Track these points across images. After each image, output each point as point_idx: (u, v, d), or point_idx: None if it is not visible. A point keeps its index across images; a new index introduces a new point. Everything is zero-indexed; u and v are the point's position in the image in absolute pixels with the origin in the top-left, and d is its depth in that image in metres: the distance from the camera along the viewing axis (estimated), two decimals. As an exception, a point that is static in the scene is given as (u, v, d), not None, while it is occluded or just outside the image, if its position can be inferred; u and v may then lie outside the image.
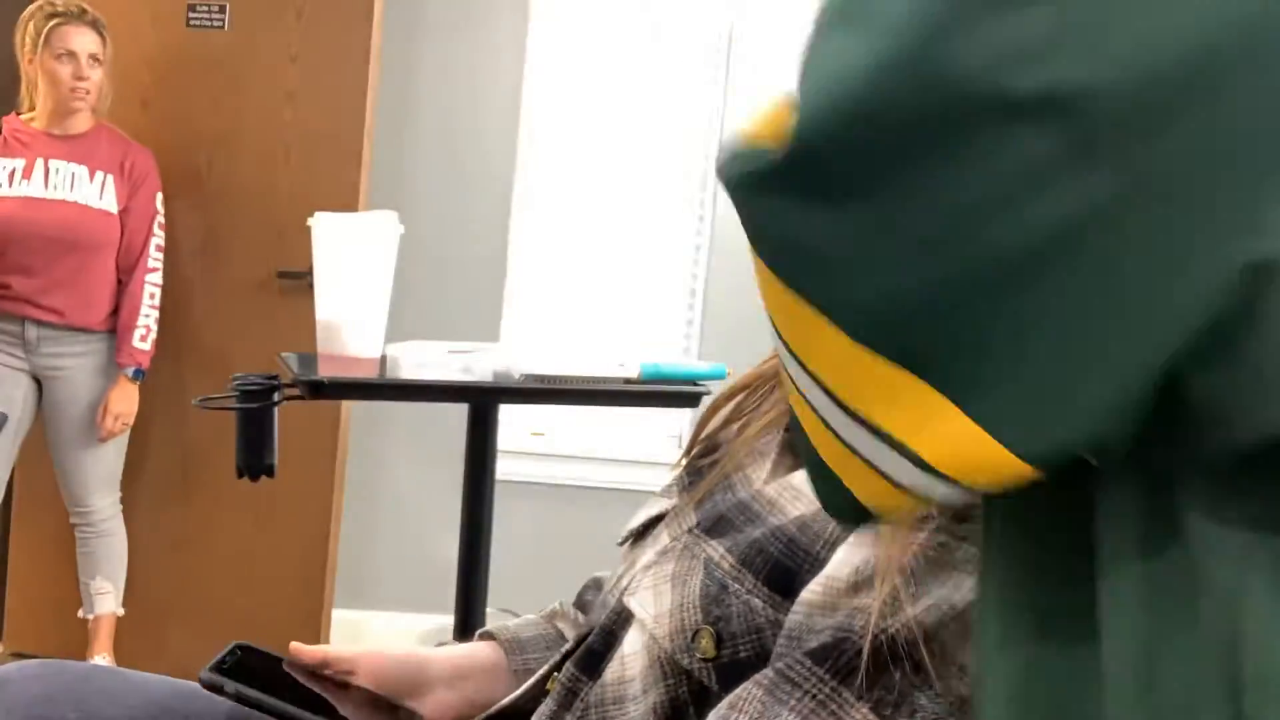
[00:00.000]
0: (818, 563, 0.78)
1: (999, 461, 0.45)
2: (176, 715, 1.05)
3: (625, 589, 0.90)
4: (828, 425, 0.50)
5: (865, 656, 0.71)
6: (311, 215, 1.59)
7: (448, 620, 1.80)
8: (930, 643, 0.71)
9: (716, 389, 1.10)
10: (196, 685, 1.10)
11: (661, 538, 0.94)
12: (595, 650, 0.89)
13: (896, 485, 0.48)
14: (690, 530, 0.89)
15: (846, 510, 0.53)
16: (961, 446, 0.45)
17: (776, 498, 0.85)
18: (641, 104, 3.21)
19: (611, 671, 0.86)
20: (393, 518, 3.11)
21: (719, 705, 0.76)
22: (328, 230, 1.58)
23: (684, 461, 1.01)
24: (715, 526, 0.86)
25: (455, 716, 1.00)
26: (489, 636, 1.07)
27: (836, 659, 0.71)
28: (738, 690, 0.75)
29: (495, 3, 3.08)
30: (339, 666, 0.99)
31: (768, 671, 0.74)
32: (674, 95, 3.23)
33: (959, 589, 0.72)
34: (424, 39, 3.05)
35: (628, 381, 1.71)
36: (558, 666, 0.94)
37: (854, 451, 0.49)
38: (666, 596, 0.84)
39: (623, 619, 0.88)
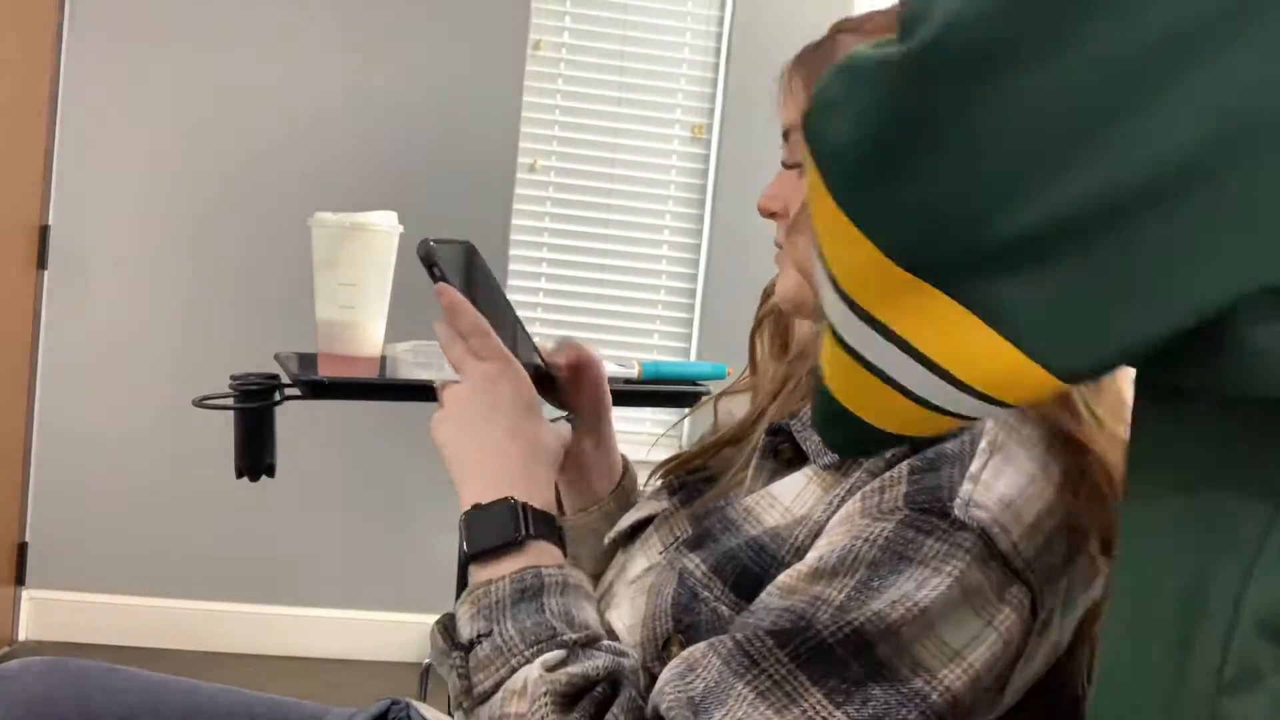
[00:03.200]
0: (782, 567, 0.79)
1: (1028, 377, 0.47)
2: (178, 711, 1.06)
3: (610, 602, 0.91)
4: (847, 347, 0.51)
5: (826, 647, 0.71)
6: None
7: (447, 620, 1.79)
8: (892, 637, 0.71)
9: (716, 389, 1.10)
10: (195, 682, 1.10)
11: (652, 542, 0.94)
12: None
13: (922, 404, 0.50)
14: (677, 546, 0.89)
15: (858, 443, 0.54)
16: (991, 363, 0.47)
17: (754, 506, 0.86)
18: (641, 103, 3.22)
19: None
20: (393, 518, 3.11)
21: (673, 661, 0.76)
22: (327, 230, 1.58)
23: (663, 476, 1.01)
24: (698, 539, 0.87)
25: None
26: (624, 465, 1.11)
27: (798, 644, 0.72)
28: (694, 651, 0.75)
29: (495, 2, 3.08)
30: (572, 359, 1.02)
31: (726, 640, 0.74)
32: (673, 95, 3.23)
33: (923, 586, 0.72)
34: (424, 38, 3.05)
35: (628, 381, 1.71)
36: None
37: (879, 374, 0.51)
38: (642, 607, 0.85)
39: (612, 636, 0.88)
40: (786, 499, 0.84)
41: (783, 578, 0.76)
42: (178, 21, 3.00)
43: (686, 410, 1.50)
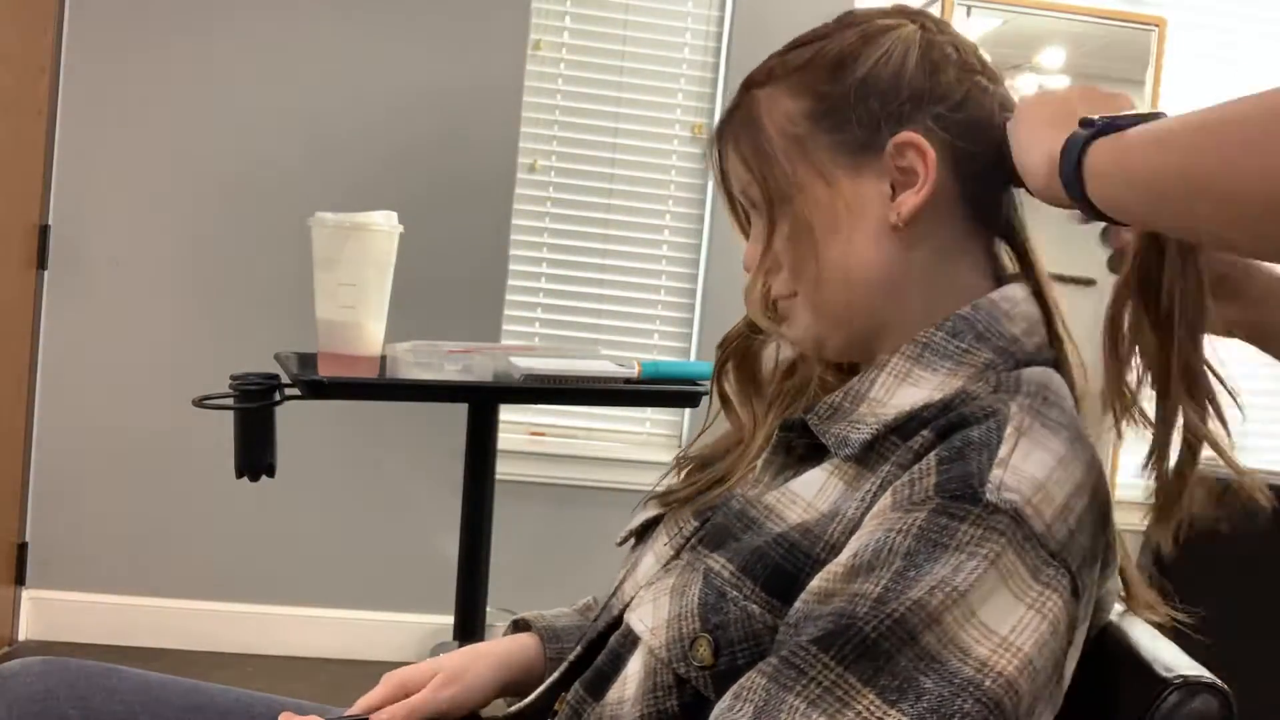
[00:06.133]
0: (818, 565, 0.78)
1: None
2: (178, 711, 1.06)
3: (628, 603, 0.91)
4: None
5: (870, 643, 0.70)
6: None
7: (448, 620, 1.80)
8: (935, 625, 0.70)
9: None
10: (195, 682, 1.11)
11: (660, 538, 0.94)
12: (603, 672, 0.89)
13: None
14: (691, 545, 0.89)
15: None
16: None
17: (775, 504, 0.85)
18: (641, 103, 3.21)
19: (613, 692, 0.86)
20: (393, 518, 3.11)
21: (723, 697, 0.75)
22: (327, 230, 1.58)
23: (668, 485, 1.01)
24: (715, 538, 0.86)
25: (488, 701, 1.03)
26: (524, 625, 1.08)
27: (842, 645, 0.71)
28: (740, 680, 0.75)
29: (495, 2, 3.08)
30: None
31: (771, 659, 0.73)
32: (673, 95, 3.23)
33: (960, 570, 0.72)
34: (423, 38, 3.05)
35: (628, 381, 1.71)
36: (564, 682, 0.94)
37: None
38: (665, 608, 0.84)
39: (630, 641, 0.88)
40: (808, 495, 0.84)
41: (817, 582, 0.76)
42: (177, 22, 3.00)
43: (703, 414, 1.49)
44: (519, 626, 1.08)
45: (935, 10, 2.30)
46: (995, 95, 0.90)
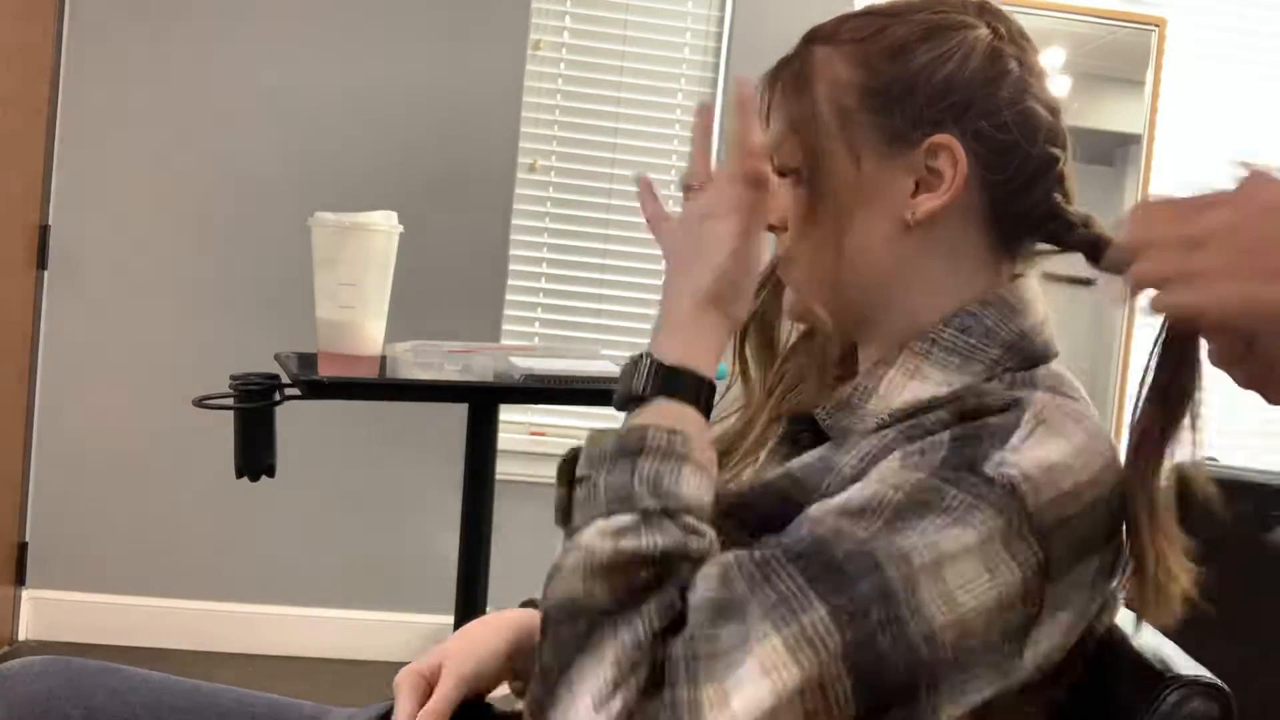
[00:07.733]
0: (809, 505, 0.79)
1: None
2: (179, 711, 1.06)
3: None
4: None
5: (836, 565, 0.71)
6: None
7: (448, 620, 1.79)
8: (906, 575, 0.71)
9: (717, 388, 1.10)
10: (196, 682, 1.11)
11: None
12: None
13: None
14: None
15: None
16: None
17: (773, 480, 0.87)
18: (641, 103, 3.21)
19: None
20: (393, 518, 3.11)
21: (709, 563, 0.75)
22: (327, 230, 1.58)
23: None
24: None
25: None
26: (533, 605, 1.08)
27: (809, 562, 0.71)
28: (725, 557, 0.74)
29: (495, 2, 3.08)
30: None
31: (753, 553, 0.74)
32: (673, 96, 3.23)
33: (943, 532, 0.72)
34: (424, 38, 3.06)
35: (628, 381, 1.71)
36: None
37: None
38: None
39: None
40: (809, 474, 0.85)
41: (812, 510, 0.76)
42: (177, 22, 3.00)
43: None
44: (529, 606, 1.09)
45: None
46: (1044, 123, 0.88)
